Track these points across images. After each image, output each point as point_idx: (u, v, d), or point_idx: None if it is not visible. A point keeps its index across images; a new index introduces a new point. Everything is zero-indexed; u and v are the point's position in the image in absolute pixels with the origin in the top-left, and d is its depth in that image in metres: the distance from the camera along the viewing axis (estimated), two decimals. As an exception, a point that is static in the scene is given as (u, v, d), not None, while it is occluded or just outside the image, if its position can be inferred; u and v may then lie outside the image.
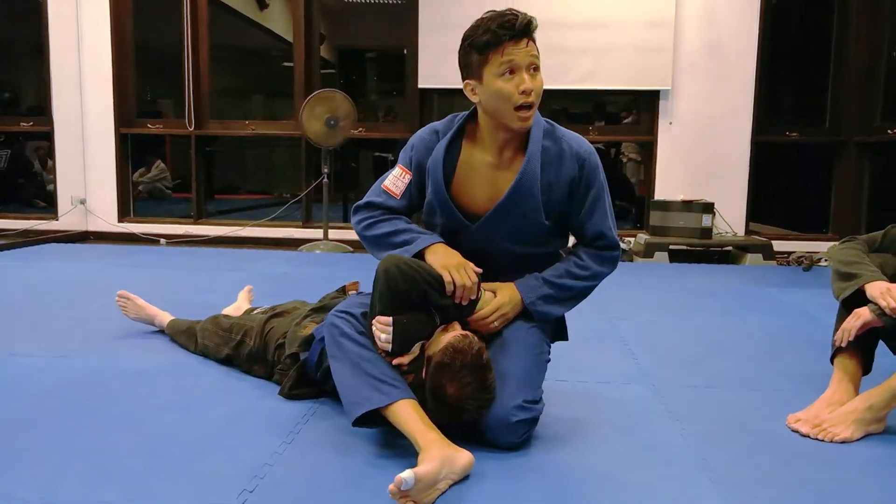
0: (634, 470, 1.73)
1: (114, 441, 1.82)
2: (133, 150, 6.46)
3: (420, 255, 1.89)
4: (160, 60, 8.14)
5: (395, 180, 2.00)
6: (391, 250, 1.92)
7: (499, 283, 1.97)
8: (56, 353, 2.58)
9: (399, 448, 1.76)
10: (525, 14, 1.81)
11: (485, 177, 1.94)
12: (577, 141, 1.95)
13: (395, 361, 1.78)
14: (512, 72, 1.81)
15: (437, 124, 2.02)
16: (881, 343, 2.09)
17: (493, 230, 1.94)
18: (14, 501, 1.49)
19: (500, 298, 1.93)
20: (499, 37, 1.79)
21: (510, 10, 1.81)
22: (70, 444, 1.79)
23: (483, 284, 1.93)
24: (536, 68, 1.85)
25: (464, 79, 1.91)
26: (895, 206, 5.53)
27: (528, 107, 1.84)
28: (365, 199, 2.03)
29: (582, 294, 2.02)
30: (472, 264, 1.87)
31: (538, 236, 1.97)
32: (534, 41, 1.84)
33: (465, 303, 1.84)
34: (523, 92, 1.81)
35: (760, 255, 5.30)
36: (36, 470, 1.64)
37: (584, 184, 1.93)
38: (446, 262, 1.84)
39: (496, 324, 1.92)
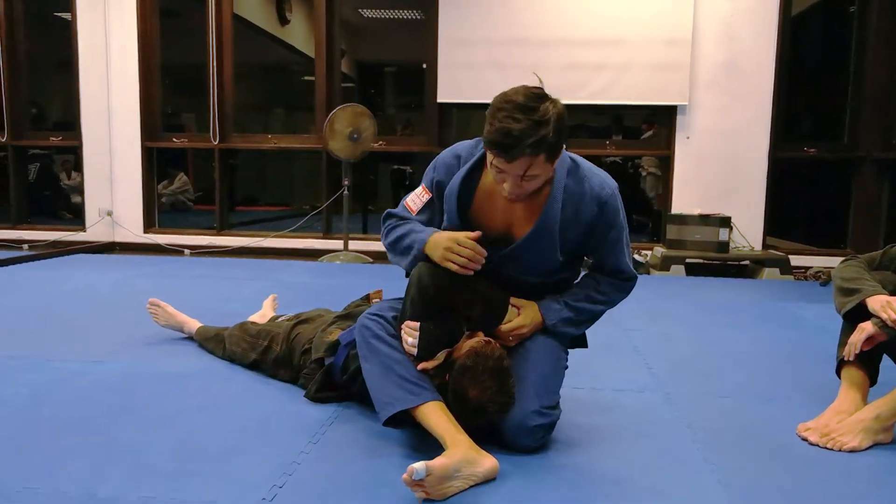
0: (646, 474, 1.79)
1: (149, 441, 1.91)
2: (157, 164, 6.61)
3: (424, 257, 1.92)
4: (184, 75, 8.33)
5: (415, 198, 2.06)
6: (400, 257, 2.00)
7: (525, 301, 2.00)
8: (90, 359, 2.68)
9: (421, 450, 1.83)
10: (526, 141, 1.68)
11: (502, 205, 1.94)
12: (600, 182, 1.92)
13: (419, 366, 1.86)
14: (501, 174, 1.78)
15: (460, 148, 2.02)
16: (886, 357, 2.15)
17: (509, 264, 1.98)
18: (58, 497, 1.58)
19: (521, 319, 1.97)
20: (492, 147, 1.74)
21: (513, 128, 1.68)
22: (108, 444, 1.88)
23: (511, 300, 2.00)
24: (533, 178, 1.77)
25: None
26: (914, 221, 5.54)
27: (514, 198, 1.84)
28: (391, 210, 2.10)
29: (597, 316, 2.08)
30: (462, 235, 1.85)
31: (551, 270, 2.01)
32: (542, 153, 1.71)
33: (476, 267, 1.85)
34: (507, 191, 1.80)
35: (777, 270, 5.32)
36: (77, 468, 1.74)
37: (602, 226, 1.94)
38: (443, 254, 1.84)
39: (511, 341, 1.98)
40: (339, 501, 1.59)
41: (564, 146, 1.83)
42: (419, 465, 1.53)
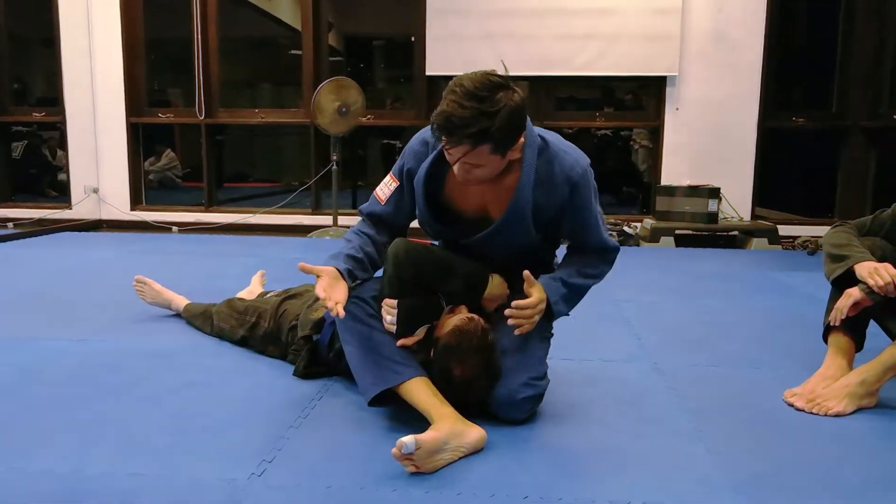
0: (634, 442, 1.80)
1: (138, 418, 1.91)
2: (143, 140, 6.55)
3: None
4: (169, 50, 8.21)
5: (384, 187, 2.02)
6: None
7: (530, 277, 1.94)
8: (78, 337, 2.67)
9: (410, 422, 1.84)
10: (465, 131, 1.64)
11: (475, 188, 1.89)
12: (570, 163, 1.87)
13: (399, 343, 1.86)
14: (449, 154, 1.75)
15: (427, 133, 1.93)
16: (873, 322, 2.16)
17: (485, 247, 1.96)
18: (45, 475, 1.58)
19: (538, 295, 1.88)
20: (433, 126, 1.71)
21: (454, 114, 1.64)
22: (96, 422, 1.88)
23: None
24: (477, 167, 1.74)
25: None
26: (900, 190, 5.56)
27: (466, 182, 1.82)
28: (361, 206, 2.06)
29: (587, 290, 2.05)
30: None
31: (528, 248, 1.98)
32: (484, 144, 1.67)
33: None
34: (458, 174, 1.78)
35: (766, 240, 5.35)
36: (66, 445, 1.73)
37: (575, 207, 1.90)
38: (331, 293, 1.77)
39: (536, 318, 1.87)
40: (329, 475, 1.59)
41: (522, 138, 1.78)
42: (408, 439, 1.53)
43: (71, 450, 1.70)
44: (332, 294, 1.75)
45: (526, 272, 1.86)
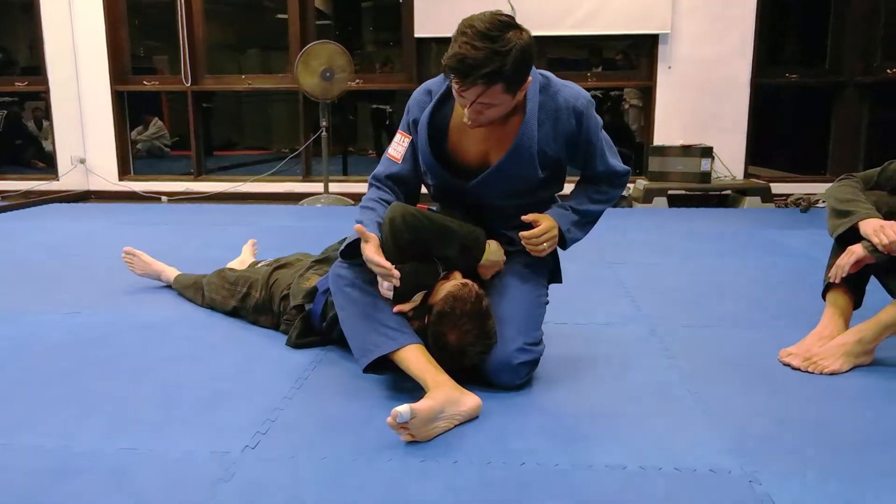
0: (630, 405, 1.79)
1: (129, 392, 1.89)
2: (130, 109, 6.45)
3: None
4: (154, 15, 8.05)
5: (396, 146, 2.00)
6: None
7: (538, 214, 1.95)
8: (67, 310, 2.64)
9: (405, 391, 1.83)
10: (480, 69, 1.63)
11: (479, 132, 1.90)
12: (573, 94, 1.89)
13: (395, 309, 1.84)
14: (460, 97, 1.74)
15: (431, 83, 1.98)
16: (873, 279, 2.13)
17: (489, 189, 1.95)
18: (34, 451, 1.56)
19: (547, 223, 1.92)
20: (449, 71, 1.70)
21: (468, 54, 1.64)
22: (87, 396, 1.86)
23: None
24: (489, 107, 1.73)
25: None
26: (893, 145, 5.52)
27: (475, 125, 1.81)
28: (373, 173, 2.02)
29: (598, 216, 2.07)
30: (373, 255, 1.76)
31: (534, 188, 1.97)
32: (497, 83, 1.67)
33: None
34: (468, 117, 1.77)
35: (759, 198, 5.33)
36: (55, 420, 1.71)
37: (583, 137, 1.91)
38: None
39: (546, 245, 1.91)
40: (324, 446, 1.58)
41: (529, 78, 1.77)
42: (403, 409, 1.52)
43: (61, 425, 1.68)
44: (384, 260, 1.74)
45: (526, 216, 1.90)
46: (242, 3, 10.11)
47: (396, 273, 1.74)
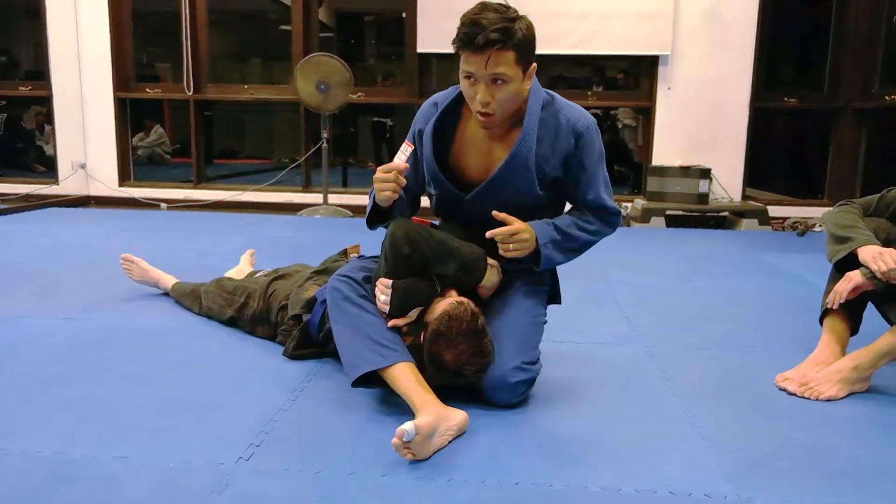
0: (626, 426, 1.79)
1: (125, 399, 1.88)
2: (132, 115, 6.46)
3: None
4: (158, 23, 8.08)
5: (400, 154, 1.99)
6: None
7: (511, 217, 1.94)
8: (63, 315, 2.64)
9: (398, 406, 1.82)
10: (492, 29, 1.72)
11: (481, 147, 1.95)
12: (576, 114, 1.93)
13: (390, 323, 1.84)
14: (472, 78, 1.81)
15: (438, 96, 2.03)
16: (870, 304, 2.14)
17: (487, 201, 1.95)
18: (29, 458, 1.55)
19: (519, 225, 1.89)
20: (462, 44, 1.77)
21: (482, 19, 1.74)
22: (83, 402, 1.85)
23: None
24: (502, 80, 1.79)
25: None
26: (891, 171, 5.56)
27: (487, 114, 1.84)
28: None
29: (583, 247, 2.04)
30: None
31: (533, 207, 1.97)
32: (509, 50, 1.75)
33: None
34: (479, 101, 1.82)
35: (756, 221, 5.35)
36: (51, 426, 1.71)
37: (578, 158, 1.93)
38: (376, 188, 1.89)
39: (512, 247, 1.89)
40: (318, 460, 1.57)
41: (534, 64, 1.84)
42: (408, 426, 1.51)
43: (56, 431, 1.68)
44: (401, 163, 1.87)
45: (498, 213, 1.90)
46: (247, 13, 10.17)
47: (388, 281, 1.80)
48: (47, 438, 1.64)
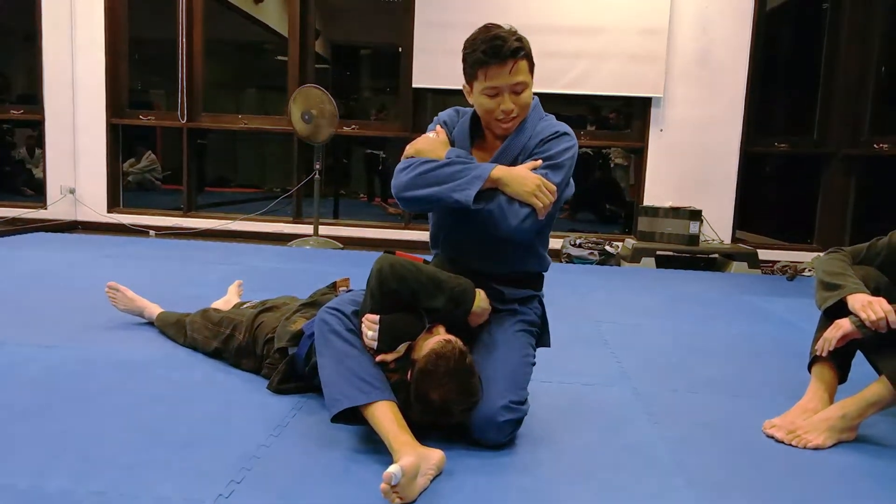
0: (613, 470, 1.77)
1: (104, 431, 1.85)
2: (123, 140, 6.46)
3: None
4: (153, 51, 8.13)
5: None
6: (438, 186, 1.89)
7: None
8: (45, 343, 2.60)
9: (383, 444, 1.79)
10: (513, 39, 1.87)
11: (485, 159, 1.99)
12: (561, 125, 2.03)
13: (378, 359, 1.82)
14: (496, 92, 1.91)
15: (451, 109, 2.15)
16: (859, 353, 2.14)
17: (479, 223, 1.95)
18: (4, 491, 1.51)
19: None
20: (484, 61, 1.87)
21: (500, 33, 1.87)
22: (60, 434, 1.81)
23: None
24: (524, 87, 1.92)
25: (465, 81, 2.00)
26: (880, 218, 5.61)
27: (510, 118, 1.95)
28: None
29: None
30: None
31: None
32: (524, 59, 1.90)
33: None
34: (503, 110, 1.93)
35: (746, 264, 5.36)
36: (26, 459, 1.67)
37: (548, 143, 1.97)
38: (533, 189, 1.86)
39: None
40: (299, 499, 1.54)
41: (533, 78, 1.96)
42: (395, 469, 1.48)
43: (32, 464, 1.64)
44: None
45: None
46: (243, 43, 10.25)
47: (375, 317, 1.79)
48: (22, 471, 1.60)
